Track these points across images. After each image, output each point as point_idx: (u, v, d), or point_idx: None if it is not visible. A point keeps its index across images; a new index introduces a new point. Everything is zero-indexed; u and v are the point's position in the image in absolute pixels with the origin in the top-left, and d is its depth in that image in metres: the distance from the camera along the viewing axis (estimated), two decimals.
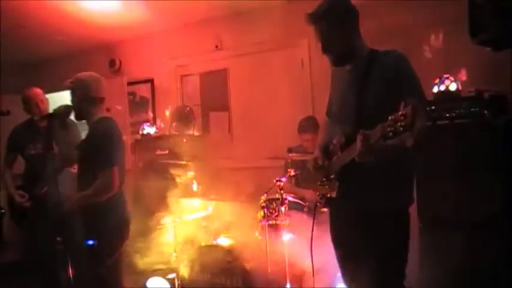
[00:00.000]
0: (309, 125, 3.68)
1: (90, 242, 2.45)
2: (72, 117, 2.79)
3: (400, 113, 1.47)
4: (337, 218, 2.12)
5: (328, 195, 2.00)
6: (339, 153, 1.95)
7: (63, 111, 2.67)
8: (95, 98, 2.62)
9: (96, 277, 2.47)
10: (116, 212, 2.58)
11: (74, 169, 3.26)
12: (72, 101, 2.65)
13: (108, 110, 5.37)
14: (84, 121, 2.72)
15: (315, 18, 1.96)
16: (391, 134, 1.50)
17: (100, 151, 2.50)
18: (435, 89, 3.04)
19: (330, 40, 1.95)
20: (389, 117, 1.51)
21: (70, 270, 2.57)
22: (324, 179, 2.04)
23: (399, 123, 1.46)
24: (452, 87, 3.00)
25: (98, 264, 2.46)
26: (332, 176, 1.98)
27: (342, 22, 1.94)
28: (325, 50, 1.98)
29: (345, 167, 1.89)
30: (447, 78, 3.04)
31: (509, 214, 2.55)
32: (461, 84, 3.04)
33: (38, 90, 3.49)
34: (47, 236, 3.33)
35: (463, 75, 3.33)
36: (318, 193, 2.11)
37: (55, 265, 3.36)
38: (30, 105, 3.43)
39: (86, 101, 2.60)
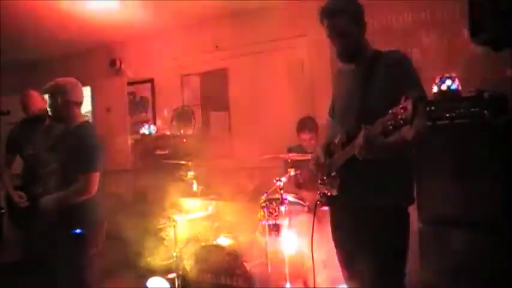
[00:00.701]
0: (307, 124, 3.71)
1: (78, 231, 2.54)
2: None
3: (400, 106, 1.48)
4: (338, 215, 2.12)
5: (329, 194, 2.01)
6: (340, 151, 1.96)
7: (40, 115, 2.69)
8: (75, 102, 2.68)
9: (78, 269, 2.58)
10: (95, 206, 2.66)
11: None
12: (52, 105, 2.66)
13: (108, 110, 5.41)
14: None
15: (331, 12, 1.97)
16: (391, 127, 1.51)
17: (84, 155, 2.56)
18: (435, 89, 3.04)
19: (344, 36, 1.96)
20: (390, 111, 1.52)
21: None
22: (325, 177, 2.05)
23: (399, 116, 1.47)
24: (453, 87, 2.99)
25: (81, 255, 2.58)
26: (333, 174, 1.98)
27: (356, 19, 1.97)
28: (340, 45, 1.99)
29: (346, 165, 1.90)
30: (447, 78, 3.04)
31: (509, 214, 2.55)
32: (461, 84, 3.04)
33: (33, 93, 3.48)
34: (45, 236, 3.32)
35: (463, 75, 3.33)
36: (318, 191, 2.11)
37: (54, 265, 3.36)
38: (27, 108, 3.43)
39: (66, 105, 2.64)
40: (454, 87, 3.00)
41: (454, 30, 3.45)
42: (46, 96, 2.66)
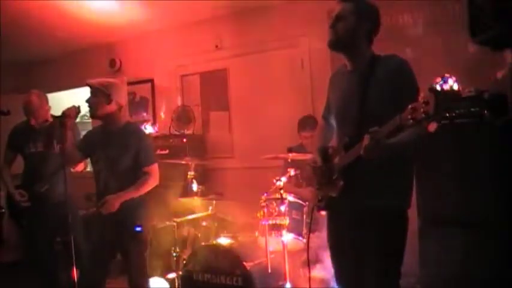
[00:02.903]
0: (308, 122, 3.77)
1: (138, 229, 2.73)
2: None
3: (421, 100, 1.48)
4: (336, 217, 2.12)
5: (328, 196, 2.01)
6: (341, 153, 1.96)
7: (74, 112, 2.71)
8: (121, 104, 2.82)
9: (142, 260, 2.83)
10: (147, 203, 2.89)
11: (74, 168, 3.25)
12: (101, 102, 2.73)
13: None
14: (86, 123, 2.80)
15: None
16: (411, 121, 1.52)
17: (146, 150, 2.79)
18: (436, 88, 3.03)
19: (342, 21, 1.96)
20: (410, 106, 1.52)
21: (75, 270, 2.58)
22: (324, 181, 2.04)
23: (422, 109, 1.48)
24: (453, 87, 2.99)
25: (144, 247, 2.84)
26: (335, 176, 1.98)
27: (362, 15, 1.97)
28: (332, 26, 1.99)
29: (348, 168, 1.90)
30: (447, 78, 3.04)
31: (510, 214, 2.55)
32: (461, 84, 3.04)
33: (36, 98, 3.44)
34: (46, 236, 3.32)
35: (463, 75, 3.33)
36: (317, 195, 2.11)
37: (55, 265, 3.36)
38: (27, 113, 3.40)
39: (118, 106, 2.78)
40: (454, 87, 2.99)
41: (454, 30, 3.45)
42: (90, 92, 2.75)
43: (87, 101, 2.76)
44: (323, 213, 2.19)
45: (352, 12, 1.95)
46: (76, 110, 2.71)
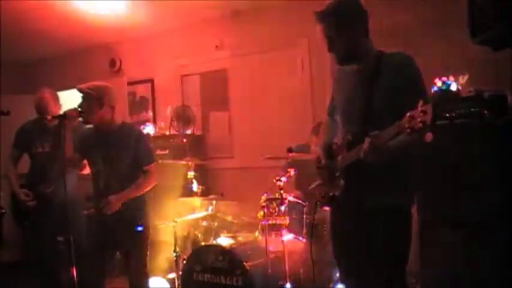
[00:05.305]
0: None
1: (140, 228, 2.76)
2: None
3: (420, 109, 1.47)
4: (339, 215, 2.11)
5: (331, 194, 2.01)
6: (344, 152, 1.96)
7: (75, 114, 2.70)
8: (113, 106, 2.80)
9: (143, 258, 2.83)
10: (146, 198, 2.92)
11: (81, 171, 3.23)
12: (93, 106, 2.71)
13: None
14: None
15: (322, 16, 1.94)
16: (409, 130, 1.51)
17: (144, 149, 2.82)
18: (435, 89, 3.03)
19: (336, 39, 1.94)
20: (408, 114, 1.51)
21: (75, 271, 2.58)
22: (327, 178, 2.05)
23: (419, 119, 1.47)
24: (452, 87, 2.99)
25: (145, 247, 2.83)
26: (337, 174, 1.98)
27: (349, 22, 1.93)
28: (331, 48, 1.97)
29: (351, 166, 1.90)
30: (447, 78, 3.04)
31: (509, 214, 2.55)
32: (461, 84, 3.04)
33: (48, 95, 3.40)
34: (48, 236, 3.32)
35: (463, 75, 3.33)
36: (319, 192, 2.11)
37: (55, 265, 3.35)
38: (40, 110, 3.37)
39: (110, 108, 2.76)
40: (454, 87, 3.00)
41: (454, 30, 3.44)
42: (81, 97, 2.74)
43: (79, 106, 2.73)
44: (326, 208, 2.19)
45: (340, 24, 1.91)
46: (77, 112, 2.70)
